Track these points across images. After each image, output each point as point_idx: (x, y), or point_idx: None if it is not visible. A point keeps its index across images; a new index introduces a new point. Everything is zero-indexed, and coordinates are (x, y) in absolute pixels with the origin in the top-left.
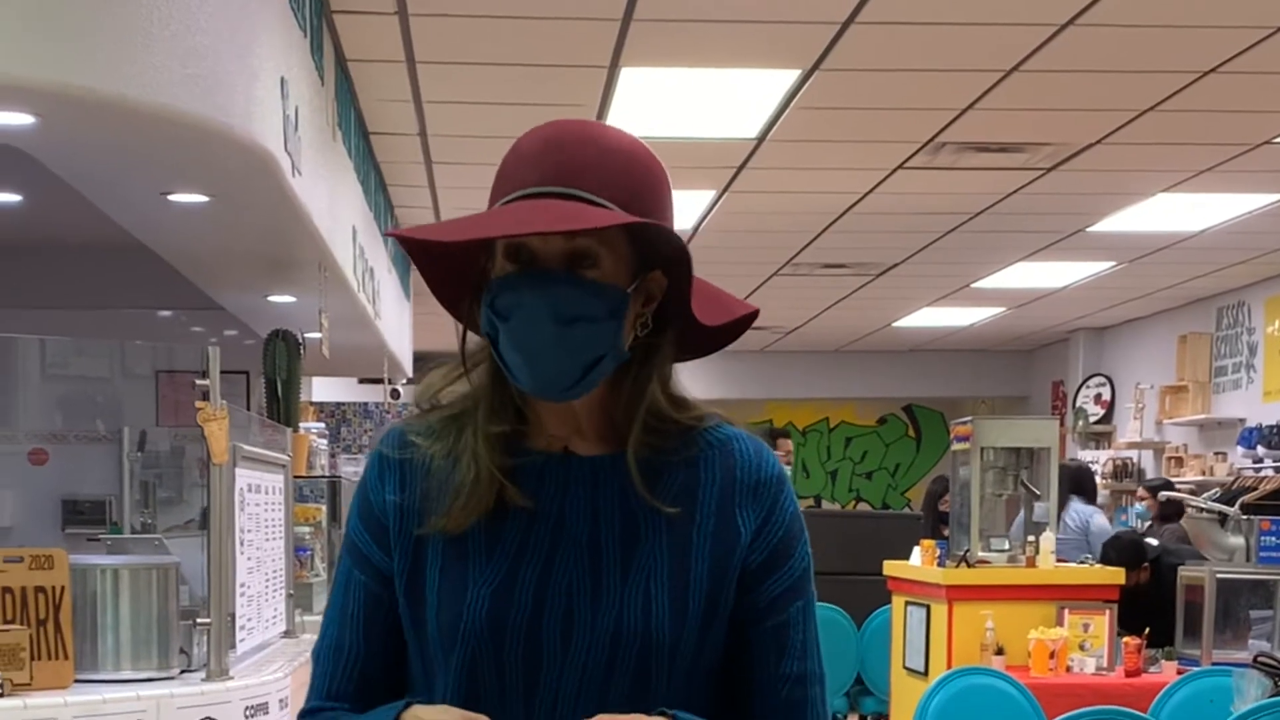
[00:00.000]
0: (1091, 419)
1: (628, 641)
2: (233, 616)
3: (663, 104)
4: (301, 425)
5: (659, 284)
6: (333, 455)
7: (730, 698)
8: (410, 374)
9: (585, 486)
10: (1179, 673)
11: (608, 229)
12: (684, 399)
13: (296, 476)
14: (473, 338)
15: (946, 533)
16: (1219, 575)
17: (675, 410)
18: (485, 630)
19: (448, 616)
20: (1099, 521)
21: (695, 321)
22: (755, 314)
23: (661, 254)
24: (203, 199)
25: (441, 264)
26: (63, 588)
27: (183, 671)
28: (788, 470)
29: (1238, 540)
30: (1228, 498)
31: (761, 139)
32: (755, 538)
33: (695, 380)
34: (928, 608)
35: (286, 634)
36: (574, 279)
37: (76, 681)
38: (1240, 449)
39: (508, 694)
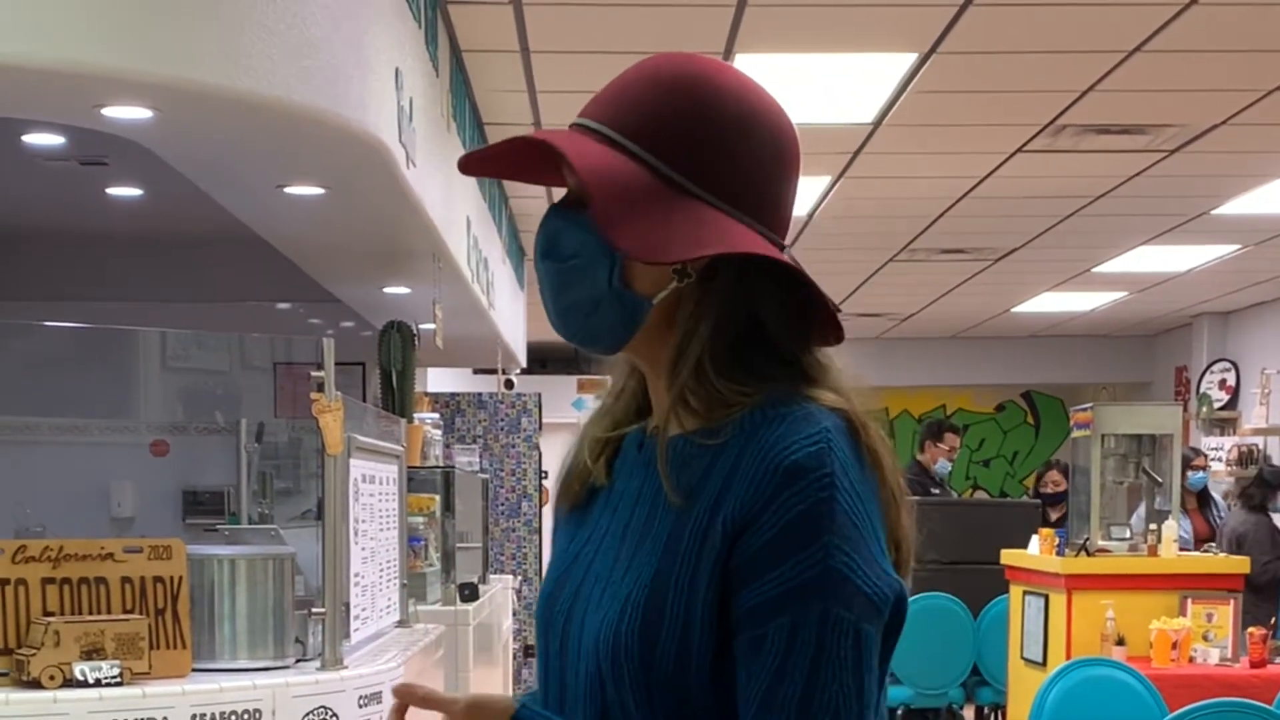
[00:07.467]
0: (1216, 405)
1: (601, 649)
2: (347, 606)
3: (777, 89)
4: (416, 416)
5: None
6: (447, 446)
7: None
8: (524, 364)
9: (643, 470)
10: None
11: (581, 162)
12: (748, 373)
13: (411, 467)
14: None
15: (1054, 517)
16: None
17: (726, 384)
18: (539, 624)
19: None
20: None
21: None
22: (790, 266)
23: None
24: (318, 191)
25: None
26: (181, 577)
27: (298, 661)
28: (946, 467)
29: None
30: None
31: (878, 124)
32: (739, 537)
33: None
34: (1046, 597)
35: (400, 624)
36: (559, 212)
37: (194, 670)
38: None
39: (550, 688)
